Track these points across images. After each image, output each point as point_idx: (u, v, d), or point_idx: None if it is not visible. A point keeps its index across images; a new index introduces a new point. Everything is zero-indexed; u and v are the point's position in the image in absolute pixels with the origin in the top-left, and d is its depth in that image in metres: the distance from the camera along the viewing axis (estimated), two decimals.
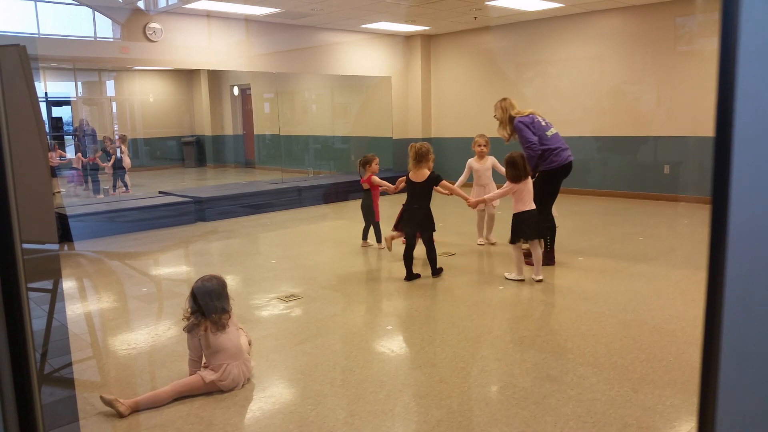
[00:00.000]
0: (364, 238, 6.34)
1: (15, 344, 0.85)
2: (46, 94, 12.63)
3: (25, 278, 0.86)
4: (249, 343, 3.37)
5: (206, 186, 10.90)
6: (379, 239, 6.21)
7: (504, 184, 5.02)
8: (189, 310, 3.13)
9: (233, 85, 14.61)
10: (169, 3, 8.66)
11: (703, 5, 8.63)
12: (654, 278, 4.92)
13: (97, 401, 2.91)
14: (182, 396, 3.00)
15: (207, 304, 3.08)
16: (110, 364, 3.52)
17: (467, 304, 4.41)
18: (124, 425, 2.77)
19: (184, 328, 3.14)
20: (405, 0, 8.52)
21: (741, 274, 0.66)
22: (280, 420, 2.78)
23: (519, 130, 5.22)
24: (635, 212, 8.06)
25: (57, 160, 10.54)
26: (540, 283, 4.84)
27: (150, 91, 14.96)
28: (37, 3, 8.10)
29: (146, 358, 3.59)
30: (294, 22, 9.87)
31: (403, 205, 5.17)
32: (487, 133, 6.32)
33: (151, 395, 2.94)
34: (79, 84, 13.45)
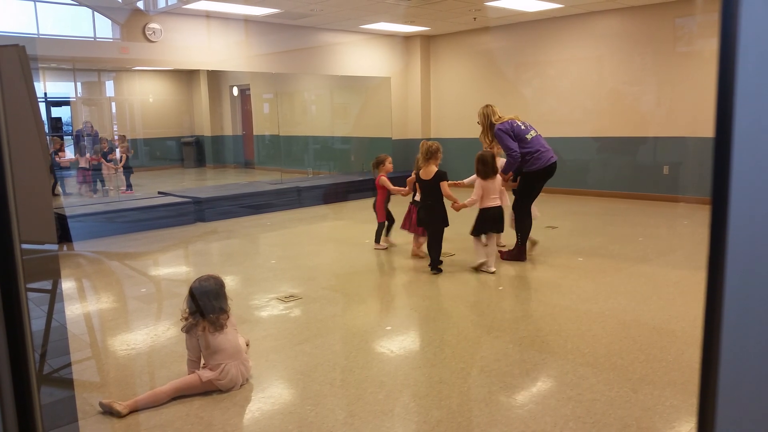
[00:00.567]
0: (377, 237, 6.25)
1: (14, 344, 0.85)
2: (45, 94, 12.63)
3: (24, 278, 0.86)
4: (246, 344, 3.37)
5: (206, 186, 10.90)
6: (378, 239, 6.20)
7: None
8: (187, 311, 3.13)
9: (233, 86, 14.61)
10: (169, 3, 8.66)
11: (703, 5, 8.63)
12: (654, 279, 4.92)
13: (97, 402, 2.91)
14: (181, 395, 3.00)
15: (205, 305, 3.08)
16: (109, 364, 3.52)
17: (467, 304, 4.41)
18: (124, 425, 2.77)
19: (182, 329, 3.14)
20: (405, 0, 8.53)
21: (741, 274, 0.66)
22: (280, 420, 2.78)
23: (498, 137, 5.35)
24: (635, 213, 8.07)
25: (67, 160, 10.65)
26: (493, 274, 5.11)
27: (149, 92, 14.96)
28: (37, 3, 8.10)
29: (145, 359, 3.58)
30: (294, 22, 9.87)
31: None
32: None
33: (149, 395, 2.94)
34: (79, 84, 13.46)
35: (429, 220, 5.26)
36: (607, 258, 5.64)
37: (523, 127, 5.34)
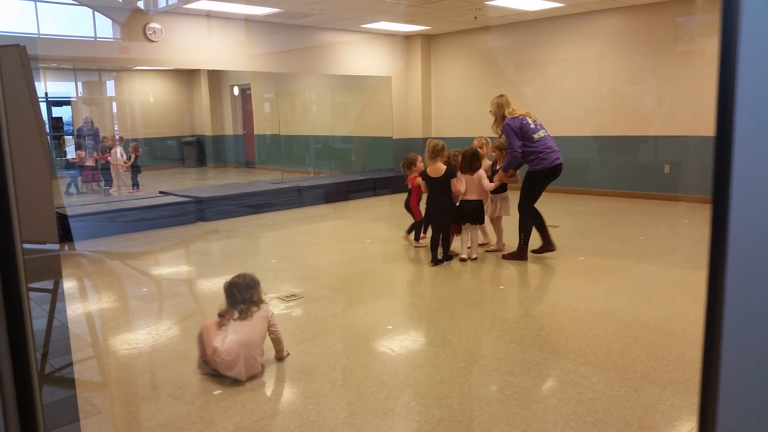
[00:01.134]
0: (409, 231, 6.29)
1: (16, 344, 0.85)
2: (46, 94, 12.64)
3: (25, 278, 0.86)
4: (282, 352, 3.44)
5: (207, 186, 10.90)
6: (417, 237, 6.23)
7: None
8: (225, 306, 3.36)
9: (233, 85, 14.61)
10: (169, 3, 8.66)
11: (703, 5, 8.62)
12: (655, 278, 4.92)
13: (98, 401, 2.91)
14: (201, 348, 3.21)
15: (234, 295, 3.32)
16: (111, 364, 3.52)
17: (467, 304, 4.41)
18: (125, 425, 2.78)
19: (218, 313, 3.33)
20: (405, 0, 8.52)
21: (742, 273, 0.66)
22: (281, 420, 2.78)
23: (505, 132, 5.34)
24: (635, 212, 8.06)
25: (83, 158, 10.70)
26: (464, 262, 5.50)
27: (150, 91, 14.97)
28: (37, 3, 8.11)
29: (147, 358, 3.59)
30: (294, 22, 9.87)
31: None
32: (484, 133, 6.33)
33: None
34: (80, 84, 13.46)
35: (439, 215, 5.49)
36: (608, 257, 5.64)
37: (532, 125, 5.27)
